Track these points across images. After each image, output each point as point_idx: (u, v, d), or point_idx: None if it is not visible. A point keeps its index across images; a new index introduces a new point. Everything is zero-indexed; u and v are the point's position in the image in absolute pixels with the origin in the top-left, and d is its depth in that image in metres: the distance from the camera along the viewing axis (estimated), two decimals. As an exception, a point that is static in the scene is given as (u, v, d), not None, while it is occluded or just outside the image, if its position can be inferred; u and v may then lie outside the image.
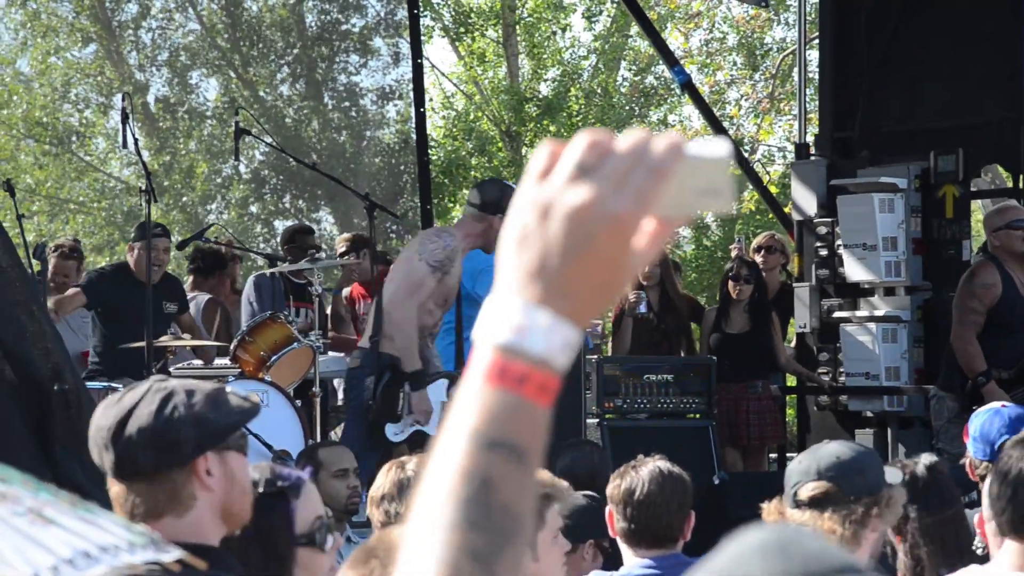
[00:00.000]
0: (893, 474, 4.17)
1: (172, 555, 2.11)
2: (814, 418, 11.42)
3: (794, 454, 12.70)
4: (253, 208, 24.91)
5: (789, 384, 11.79)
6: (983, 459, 5.63)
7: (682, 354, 11.21)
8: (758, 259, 11.55)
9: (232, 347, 9.39)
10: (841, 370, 11.11)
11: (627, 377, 10.33)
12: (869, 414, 11.01)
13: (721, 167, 1.47)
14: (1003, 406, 6.03)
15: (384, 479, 4.29)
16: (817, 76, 12.21)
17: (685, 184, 1.47)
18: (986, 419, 5.87)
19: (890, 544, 4.53)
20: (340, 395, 10.56)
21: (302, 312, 10.46)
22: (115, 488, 3.24)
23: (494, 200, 8.26)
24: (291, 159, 11.18)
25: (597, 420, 10.22)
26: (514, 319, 1.47)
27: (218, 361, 9.84)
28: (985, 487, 3.86)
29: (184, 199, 24.35)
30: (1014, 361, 9.59)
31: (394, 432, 8.54)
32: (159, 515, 3.19)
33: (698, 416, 10.38)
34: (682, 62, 15.10)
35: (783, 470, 12.84)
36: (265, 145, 18.04)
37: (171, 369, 9.84)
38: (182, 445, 3.16)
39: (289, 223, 25.01)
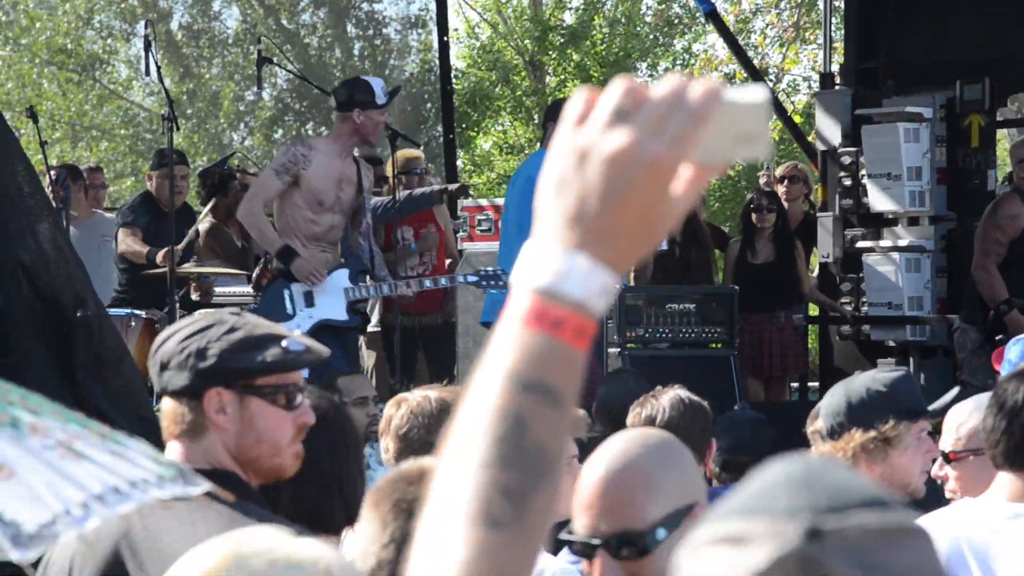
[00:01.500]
0: (945, 399, 4.15)
1: (200, 488, 2.12)
2: (836, 348, 11.41)
3: (815, 384, 12.75)
4: (276, 134, 24.91)
5: (811, 314, 11.77)
6: None
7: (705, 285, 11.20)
8: (781, 189, 11.52)
9: (255, 275, 9.38)
10: (864, 300, 11.08)
11: (649, 307, 10.31)
12: (891, 344, 10.99)
13: (759, 113, 1.47)
14: None
15: (385, 420, 4.33)
16: (843, 5, 12.10)
17: (722, 130, 1.47)
18: None
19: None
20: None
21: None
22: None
23: (346, 98, 8.63)
24: (313, 87, 11.10)
25: (619, 350, 10.22)
26: (553, 263, 1.49)
27: (239, 288, 9.85)
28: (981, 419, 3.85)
29: (207, 125, 24.35)
30: (1039, 291, 9.57)
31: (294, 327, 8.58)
32: (177, 435, 3.27)
33: (720, 346, 10.35)
34: (707, -10, 14.98)
35: (804, 400, 12.88)
36: (287, 72, 18.02)
37: (193, 296, 9.88)
38: (189, 374, 3.23)
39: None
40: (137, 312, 9.21)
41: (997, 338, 9.65)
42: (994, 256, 9.61)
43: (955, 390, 4.40)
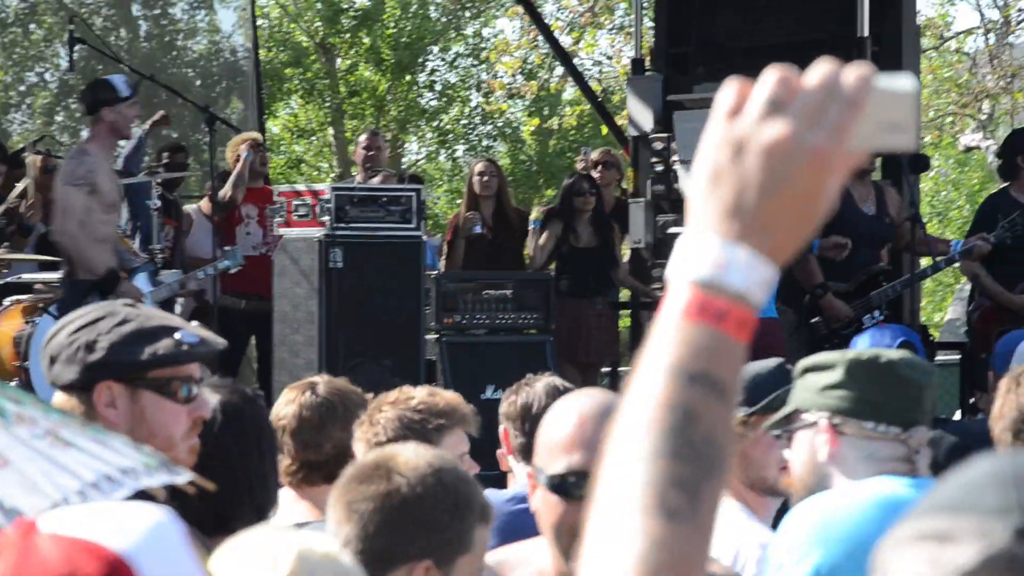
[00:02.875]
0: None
1: (183, 477, 2.08)
2: (647, 333, 11.47)
3: (627, 369, 12.83)
4: (59, 117, 24.30)
5: (623, 300, 11.85)
6: None
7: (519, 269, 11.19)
8: (595, 174, 11.56)
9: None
10: (676, 285, 11.16)
11: (465, 293, 10.29)
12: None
13: (908, 102, 1.47)
14: (880, 323, 6.10)
15: (295, 405, 4.13)
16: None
17: (871, 117, 1.47)
18: (875, 335, 5.94)
19: None
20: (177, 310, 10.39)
21: (166, 228, 10.28)
22: None
23: (91, 100, 8.95)
24: (129, 70, 10.83)
25: (436, 336, 10.17)
26: (712, 255, 1.49)
27: (49, 276, 9.58)
28: None
29: (-15, 108, 23.67)
30: (853, 274, 9.76)
31: None
32: None
33: (536, 332, 10.39)
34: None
35: (616, 386, 12.95)
36: (84, 52, 17.57)
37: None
38: (78, 367, 3.14)
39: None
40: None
41: (813, 320, 9.83)
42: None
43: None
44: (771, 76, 1.48)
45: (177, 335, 3.16)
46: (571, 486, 2.94)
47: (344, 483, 2.71)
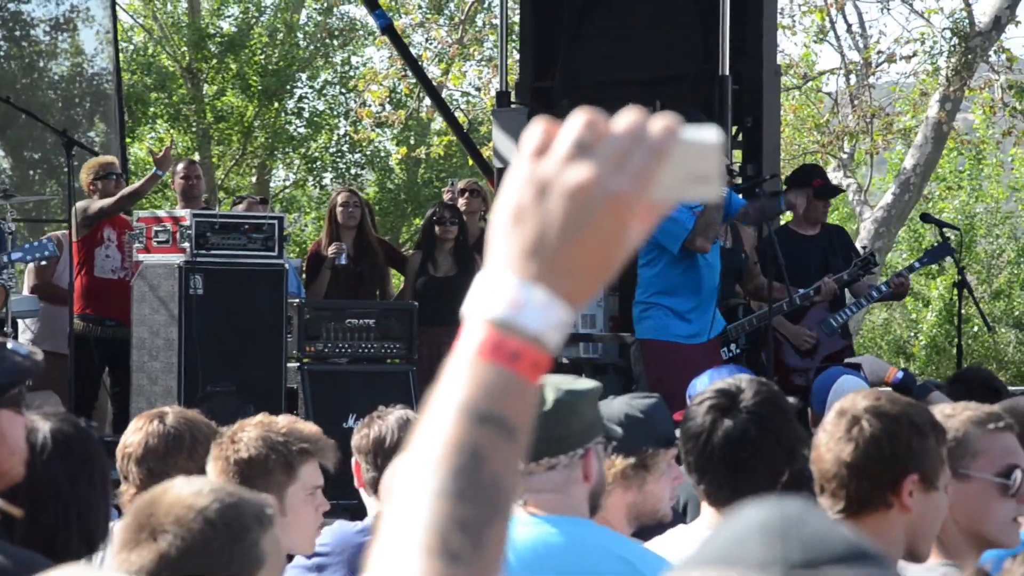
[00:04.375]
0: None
1: None
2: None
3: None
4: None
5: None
6: None
7: (379, 298, 11.15)
8: (460, 202, 11.58)
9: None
10: (537, 316, 11.18)
11: (328, 321, 10.23)
12: (564, 360, 11.13)
13: (713, 153, 1.47)
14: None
15: (141, 433, 4.06)
16: (518, 24, 12.24)
17: (676, 168, 1.47)
18: (713, 375, 5.99)
19: None
20: (26, 335, 10.25)
21: None
22: None
23: None
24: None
25: (298, 364, 10.11)
26: (509, 295, 1.47)
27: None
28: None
29: None
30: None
31: None
32: None
33: (398, 361, 10.36)
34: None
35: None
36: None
37: None
38: None
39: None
40: None
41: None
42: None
43: None
44: (578, 119, 1.48)
45: (10, 346, 3.13)
46: None
47: (116, 552, 2.65)
